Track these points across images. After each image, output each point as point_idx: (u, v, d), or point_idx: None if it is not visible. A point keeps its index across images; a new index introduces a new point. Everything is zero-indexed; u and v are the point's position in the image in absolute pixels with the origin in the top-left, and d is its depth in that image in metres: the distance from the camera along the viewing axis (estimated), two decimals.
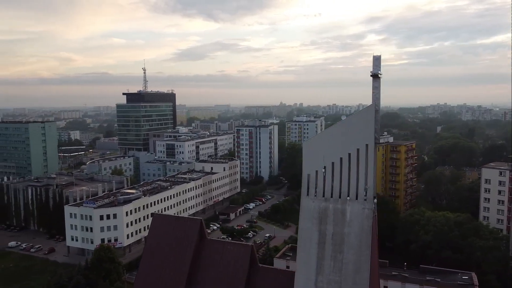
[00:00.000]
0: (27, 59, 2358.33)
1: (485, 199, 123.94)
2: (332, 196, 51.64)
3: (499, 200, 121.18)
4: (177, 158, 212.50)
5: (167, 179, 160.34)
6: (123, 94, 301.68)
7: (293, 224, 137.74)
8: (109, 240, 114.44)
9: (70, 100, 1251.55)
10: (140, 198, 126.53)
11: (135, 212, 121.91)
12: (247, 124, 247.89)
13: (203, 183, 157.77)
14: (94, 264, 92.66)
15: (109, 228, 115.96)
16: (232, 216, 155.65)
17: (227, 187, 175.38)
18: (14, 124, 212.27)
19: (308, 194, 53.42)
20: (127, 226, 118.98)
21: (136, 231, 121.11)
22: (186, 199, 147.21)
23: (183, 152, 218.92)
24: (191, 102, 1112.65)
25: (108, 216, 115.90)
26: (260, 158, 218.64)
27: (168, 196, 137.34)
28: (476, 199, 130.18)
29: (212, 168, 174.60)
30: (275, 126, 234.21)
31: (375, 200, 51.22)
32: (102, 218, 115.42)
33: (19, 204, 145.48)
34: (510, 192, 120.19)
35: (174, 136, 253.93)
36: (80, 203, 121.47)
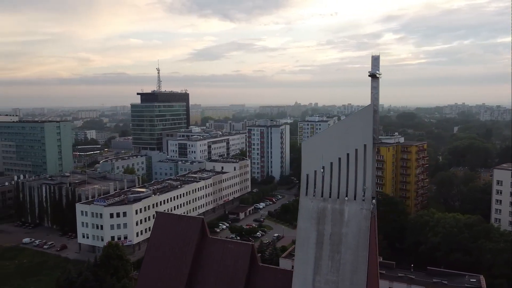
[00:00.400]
0: (47, 60, 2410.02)
1: (496, 201, 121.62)
2: (330, 196, 51.58)
3: (511, 202, 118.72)
4: (189, 158, 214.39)
5: (177, 178, 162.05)
6: (137, 94, 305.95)
7: None
8: (118, 238, 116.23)
9: (88, 100, 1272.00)
10: (150, 197, 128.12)
11: (145, 210, 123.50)
12: (258, 124, 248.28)
13: (213, 183, 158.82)
14: (103, 261, 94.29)
15: (119, 226, 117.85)
16: (242, 215, 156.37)
17: (238, 186, 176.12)
18: (30, 124, 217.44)
19: (307, 194, 53.50)
20: (137, 224, 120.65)
21: (145, 229, 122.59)
22: (195, 198, 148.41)
23: (195, 152, 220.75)
24: (206, 102, 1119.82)
25: (118, 214, 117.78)
26: (271, 158, 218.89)
27: (177, 195, 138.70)
28: (489, 201, 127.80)
29: (222, 168, 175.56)
30: (287, 126, 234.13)
31: (374, 201, 51.06)
32: (112, 216, 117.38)
33: (34, 202, 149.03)
34: None
35: (187, 136, 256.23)
36: (91, 201, 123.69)
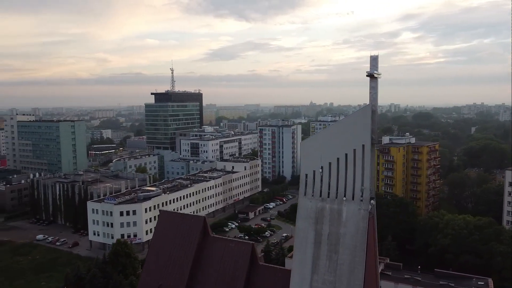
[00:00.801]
0: (67, 60, 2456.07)
1: (508, 203, 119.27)
2: (329, 196, 51.58)
3: None
4: (201, 157, 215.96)
5: (187, 177, 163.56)
6: (151, 94, 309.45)
7: None
8: (128, 236, 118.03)
9: (105, 100, 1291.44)
10: (160, 196, 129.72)
11: (154, 209, 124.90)
12: (270, 124, 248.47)
13: (223, 182, 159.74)
14: (111, 258, 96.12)
15: (128, 224, 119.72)
16: (251, 215, 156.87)
17: (248, 186, 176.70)
18: (46, 123, 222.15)
19: (305, 194, 53.64)
20: (146, 222, 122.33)
21: (155, 228, 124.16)
22: (205, 197, 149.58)
23: (206, 151, 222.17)
24: (222, 102, 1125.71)
25: (128, 213, 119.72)
26: (282, 157, 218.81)
27: (187, 194, 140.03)
28: (502, 202, 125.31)
29: (233, 167, 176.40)
30: (299, 126, 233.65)
31: (373, 201, 50.86)
32: (122, 214, 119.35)
33: (48, 199, 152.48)
34: None
35: (199, 135, 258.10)
36: (102, 199, 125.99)
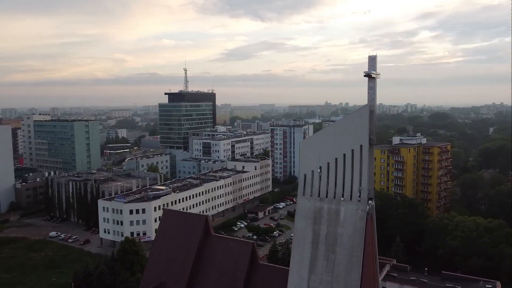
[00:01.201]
0: (84, 61, 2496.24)
1: None
2: (327, 197, 51.70)
3: None
4: (212, 157, 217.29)
5: (198, 176, 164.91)
6: (165, 93, 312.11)
7: None
8: (138, 234, 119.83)
9: (122, 100, 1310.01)
10: (169, 195, 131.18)
11: (164, 207, 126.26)
12: (281, 123, 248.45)
13: (233, 182, 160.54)
14: (120, 255, 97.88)
15: (138, 222, 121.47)
16: (261, 215, 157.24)
17: (258, 186, 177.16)
18: (61, 123, 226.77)
19: (304, 194, 53.84)
20: (155, 221, 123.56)
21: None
22: (215, 196, 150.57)
23: (218, 151, 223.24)
24: (236, 102, 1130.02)
25: (137, 211, 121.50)
26: (294, 157, 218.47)
27: (196, 193, 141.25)
28: None
29: (243, 167, 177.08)
30: (310, 126, 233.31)
31: (371, 202, 50.81)
32: (131, 212, 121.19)
33: (61, 197, 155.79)
34: None
35: (212, 135, 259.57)
36: (112, 198, 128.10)
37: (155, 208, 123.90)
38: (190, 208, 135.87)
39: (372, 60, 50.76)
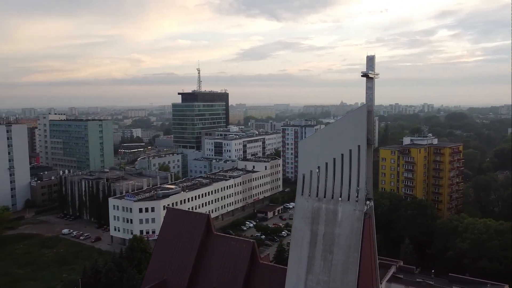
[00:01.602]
0: (102, 61, 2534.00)
1: None
2: (325, 197, 51.79)
3: None
4: (224, 156, 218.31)
5: (208, 176, 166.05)
6: (178, 93, 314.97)
7: None
8: (147, 232, 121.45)
9: (138, 99, 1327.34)
10: (178, 194, 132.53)
11: (173, 206, 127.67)
12: (292, 123, 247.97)
13: (243, 181, 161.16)
14: (128, 253, 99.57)
15: (147, 220, 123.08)
16: (270, 214, 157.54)
17: (268, 186, 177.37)
18: (76, 122, 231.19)
19: (302, 193, 54.01)
20: None
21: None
22: (224, 196, 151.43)
23: (230, 151, 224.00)
24: (252, 102, 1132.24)
25: (146, 209, 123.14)
26: None
27: (205, 193, 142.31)
28: None
29: (254, 167, 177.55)
30: (322, 126, 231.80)
31: (370, 203, 50.74)
32: (141, 211, 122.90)
33: (74, 195, 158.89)
34: None
35: (224, 135, 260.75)
36: (123, 196, 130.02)
37: (164, 206, 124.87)
38: (199, 207, 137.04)
39: (370, 60, 50.71)
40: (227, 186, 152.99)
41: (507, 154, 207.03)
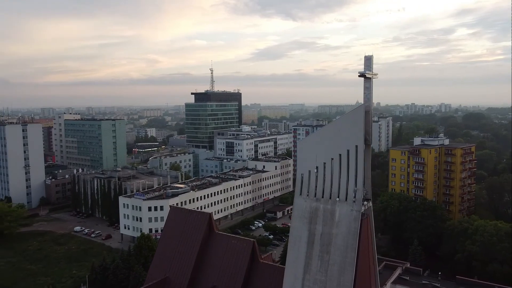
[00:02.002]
0: (119, 62, 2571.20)
1: None
2: (323, 197, 51.83)
3: None
4: (235, 156, 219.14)
5: (218, 175, 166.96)
6: (191, 93, 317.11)
7: None
8: (156, 230, 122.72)
9: (154, 99, 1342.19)
10: (187, 193, 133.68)
11: (181, 205, 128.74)
12: (304, 123, 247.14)
13: (252, 181, 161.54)
14: (135, 251, 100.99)
15: (156, 219, 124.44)
16: (279, 214, 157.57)
17: (278, 185, 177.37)
18: (89, 122, 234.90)
19: (301, 193, 54.24)
20: None
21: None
22: (233, 195, 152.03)
23: (241, 150, 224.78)
24: (267, 101, 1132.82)
25: (155, 208, 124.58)
26: None
27: (214, 192, 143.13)
28: None
29: (264, 167, 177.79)
30: None
31: (368, 203, 50.59)
32: (150, 209, 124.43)
33: (87, 194, 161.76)
34: None
35: (236, 135, 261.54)
36: (133, 195, 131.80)
37: (173, 205, 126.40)
38: (208, 206, 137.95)
39: (367, 60, 50.75)
40: (236, 186, 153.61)
41: None
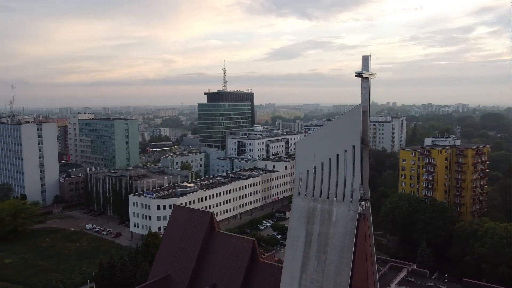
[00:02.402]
0: (135, 62, 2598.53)
1: None
2: (320, 197, 51.88)
3: None
4: (246, 156, 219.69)
5: (227, 175, 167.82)
6: (204, 93, 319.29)
7: None
8: (164, 229, 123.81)
9: (170, 99, 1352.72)
10: (196, 192, 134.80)
11: (190, 204, 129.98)
12: (315, 123, 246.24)
13: (261, 181, 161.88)
14: (143, 249, 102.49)
15: (165, 217, 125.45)
16: (288, 214, 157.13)
17: (288, 185, 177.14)
18: (103, 121, 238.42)
19: (299, 193, 54.32)
20: None
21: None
22: (243, 195, 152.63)
23: (252, 150, 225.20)
24: (281, 101, 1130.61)
25: (164, 207, 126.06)
26: None
27: (223, 191, 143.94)
28: None
29: (274, 166, 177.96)
30: None
31: (365, 203, 50.45)
32: (159, 208, 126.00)
33: (99, 192, 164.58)
34: None
35: (248, 134, 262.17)
36: (142, 194, 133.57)
37: (181, 204, 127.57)
38: (216, 206, 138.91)
39: (365, 60, 50.49)
40: (246, 185, 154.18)
41: None
